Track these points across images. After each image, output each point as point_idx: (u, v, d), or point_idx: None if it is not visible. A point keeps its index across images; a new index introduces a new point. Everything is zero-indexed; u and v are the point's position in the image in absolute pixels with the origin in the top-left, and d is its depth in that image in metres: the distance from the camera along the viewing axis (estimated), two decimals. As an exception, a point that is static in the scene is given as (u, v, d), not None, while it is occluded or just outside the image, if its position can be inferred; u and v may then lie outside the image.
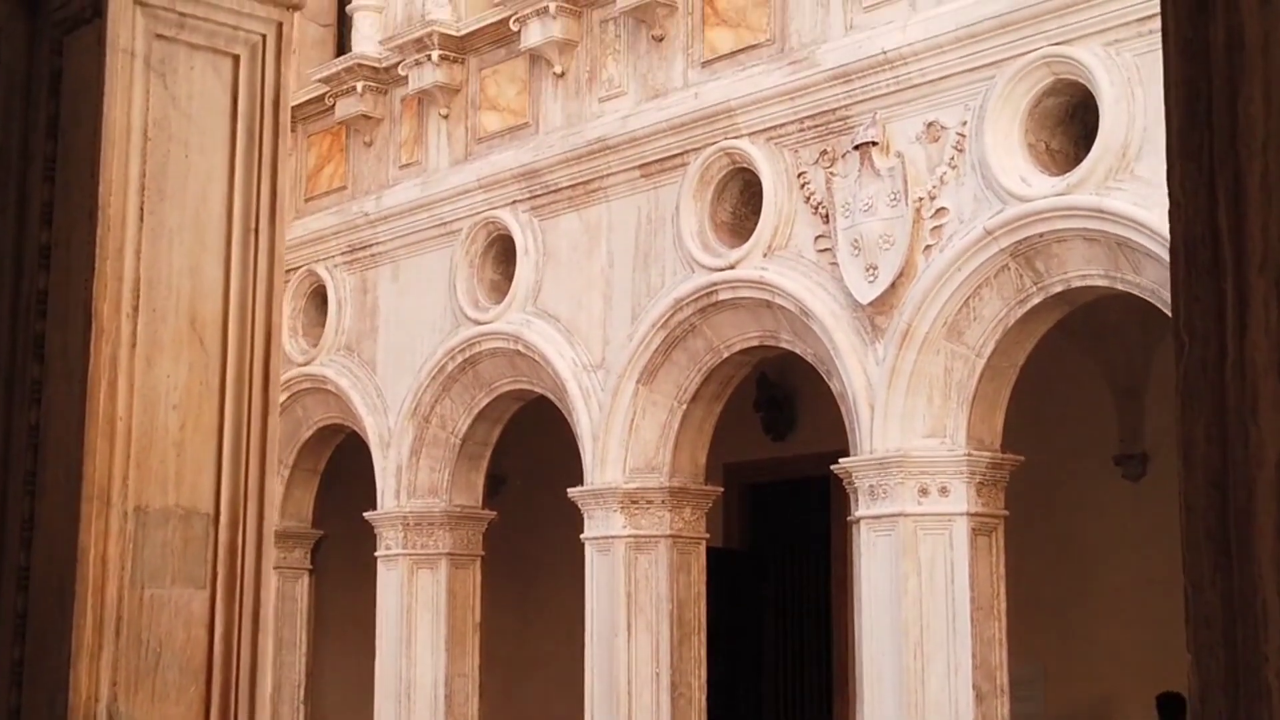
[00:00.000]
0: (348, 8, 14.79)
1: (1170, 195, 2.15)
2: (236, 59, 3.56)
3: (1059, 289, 9.87)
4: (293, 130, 14.94)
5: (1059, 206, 9.56)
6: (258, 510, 3.48)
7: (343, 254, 14.52)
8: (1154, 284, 9.38)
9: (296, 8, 3.60)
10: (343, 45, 15.18)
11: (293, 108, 15.04)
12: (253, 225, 3.58)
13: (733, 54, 11.50)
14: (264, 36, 3.57)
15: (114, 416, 3.34)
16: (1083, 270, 9.73)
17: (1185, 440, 1.96)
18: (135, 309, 3.37)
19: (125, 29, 3.35)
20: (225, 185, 3.52)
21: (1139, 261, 9.38)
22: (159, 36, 3.44)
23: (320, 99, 14.74)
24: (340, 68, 14.36)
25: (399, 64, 13.81)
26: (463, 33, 13.41)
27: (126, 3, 3.34)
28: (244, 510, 3.48)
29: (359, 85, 14.21)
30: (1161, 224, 9.02)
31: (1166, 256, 8.57)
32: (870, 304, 10.37)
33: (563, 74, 12.71)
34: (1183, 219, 2.03)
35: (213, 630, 3.37)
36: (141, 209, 3.37)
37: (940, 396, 10.19)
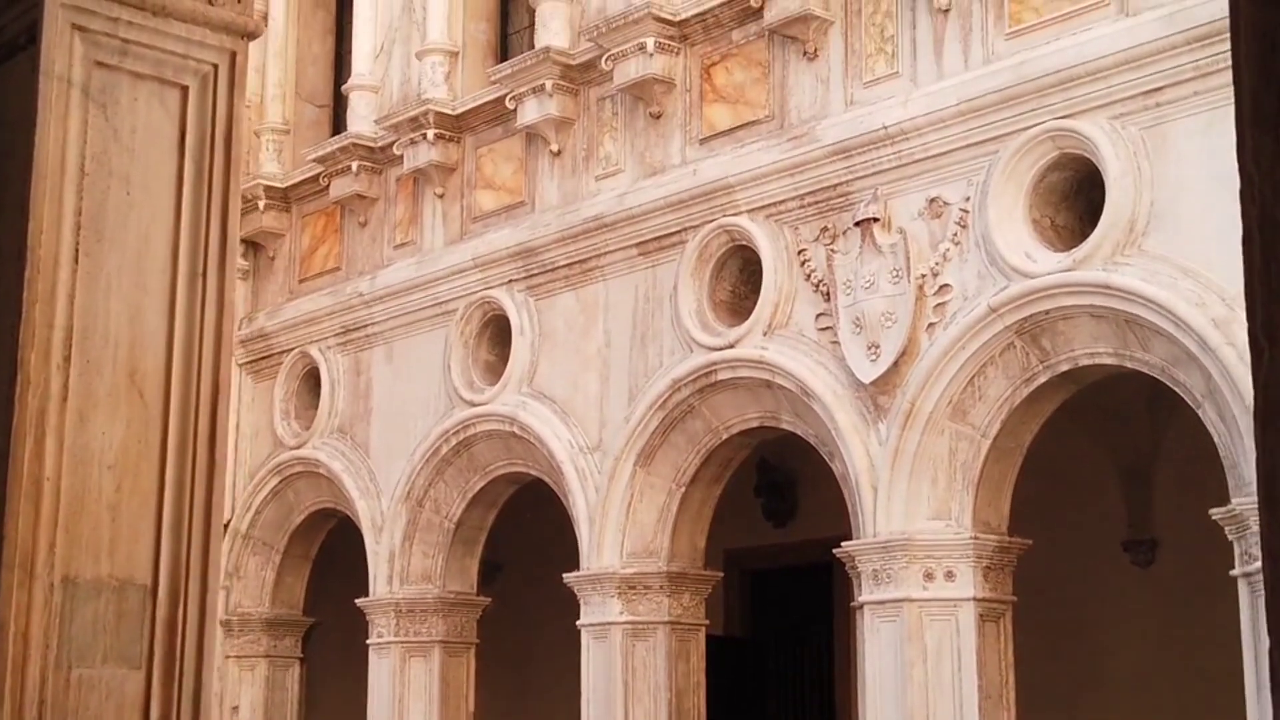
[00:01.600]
0: (343, 88, 14.68)
1: (1241, 170, 1.81)
2: (185, 90, 3.31)
3: (1066, 367, 9.65)
4: (287, 211, 14.87)
5: (1065, 283, 9.35)
6: (201, 582, 3.18)
7: (336, 335, 14.32)
8: (1164, 361, 9.15)
9: (251, 36, 3.36)
10: (338, 126, 15.07)
11: (287, 189, 15.05)
12: (200, 270, 3.31)
13: (731, 130, 11.35)
14: (215, 67, 3.32)
15: (40, 477, 3.04)
16: (1090, 348, 9.50)
17: (1266, 473, 1.65)
18: (67, 359, 3.10)
19: (62, 55, 3.10)
20: (170, 226, 3.26)
21: (1148, 338, 9.15)
22: (99, 64, 3.20)
23: (315, 179, 14.61)
24: (335, 147, 14.23)
25: (394, 143, 13.68)
26: (459, 111, 13.29)
27: (64, 27, 3.10)
28: (185, 582, 3.17)
29: (354, 165, 14.07)
30: (1171, 300, 8.83)
31: (1176, 333, 8.37)
32: (873, 383, 10.14)
33: (559, 152, 12.56)
34: (1257, 200, 1.69)
35: (148, 715, 3.05)
36: (76, 250, 3.11)
37: (945, 478, 9.94)
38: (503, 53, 13.68)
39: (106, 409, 3.15)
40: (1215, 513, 8.86)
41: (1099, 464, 13.29)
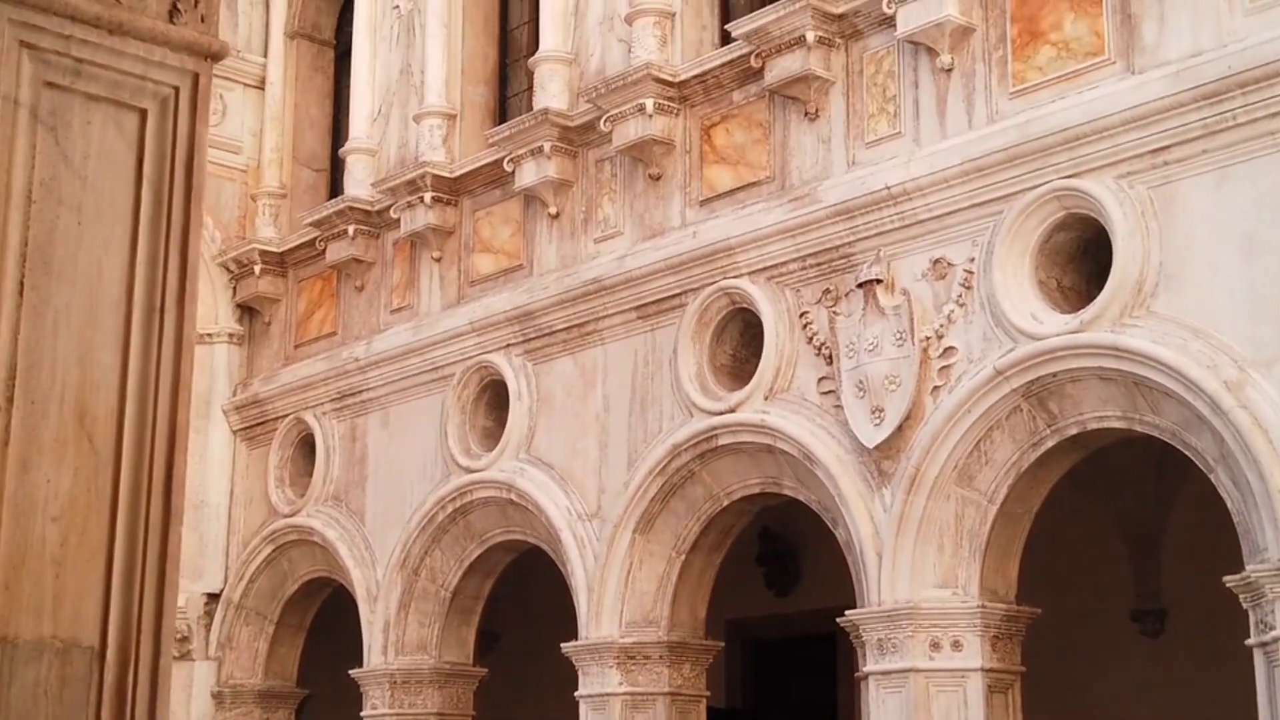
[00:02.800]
0: (341, 151, 14.58)
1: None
2: (143, 114, 3.11)
3: (1074, 431, 9.45)
4: (283, 276, 14.74)
5: (1073, 345, 9.16)
6: (153, 645, 2.93)
7: (332, 401, 14.15)
8: (1174, 425, 8.96)
9: (216, 58, 3.17)
10: (336, 190, 14.96)
11: (283, 253, 14.91)
12: (157, 305, 3.09)
13: (732, 192, 11.21)
14: (176, 89, 3.12)
15: (-24, 529, 2.83)
16: (1099, 411, 9.31)
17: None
18: (9, 400, 2.86)
19: (8, 73, 2.89)
20: (126, 258, 3.05)
21: (1158, 401, 8.96)
22: (50, 85, 2.99)
23: (311, 244, 14.50)
24: (331, 211, 14.11)
25: (391, 206, 13.56)
26: (456, 174, 13.17)
27: (10, 44, 2.89)
28: (137, 645, 2.92)
29: (350, 229, 13.95)
30: (1181, 362, 8.65)
31: (1187, 396, 8.17)
32: (876, 448, 9.95)
33: (558, 214, 12.43)
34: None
35: (95, 791, 2.83)
36: (21, 283, 2.89)
37: (951, 545, 9.73)
38: (501, 116, 13.58)
39: (52, 455, 2.92)
40: (1229, 580, 8.63)
41: (1105, 532, 13.09)
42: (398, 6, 14.25)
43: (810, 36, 10.50)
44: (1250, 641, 8.49)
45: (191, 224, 3.11)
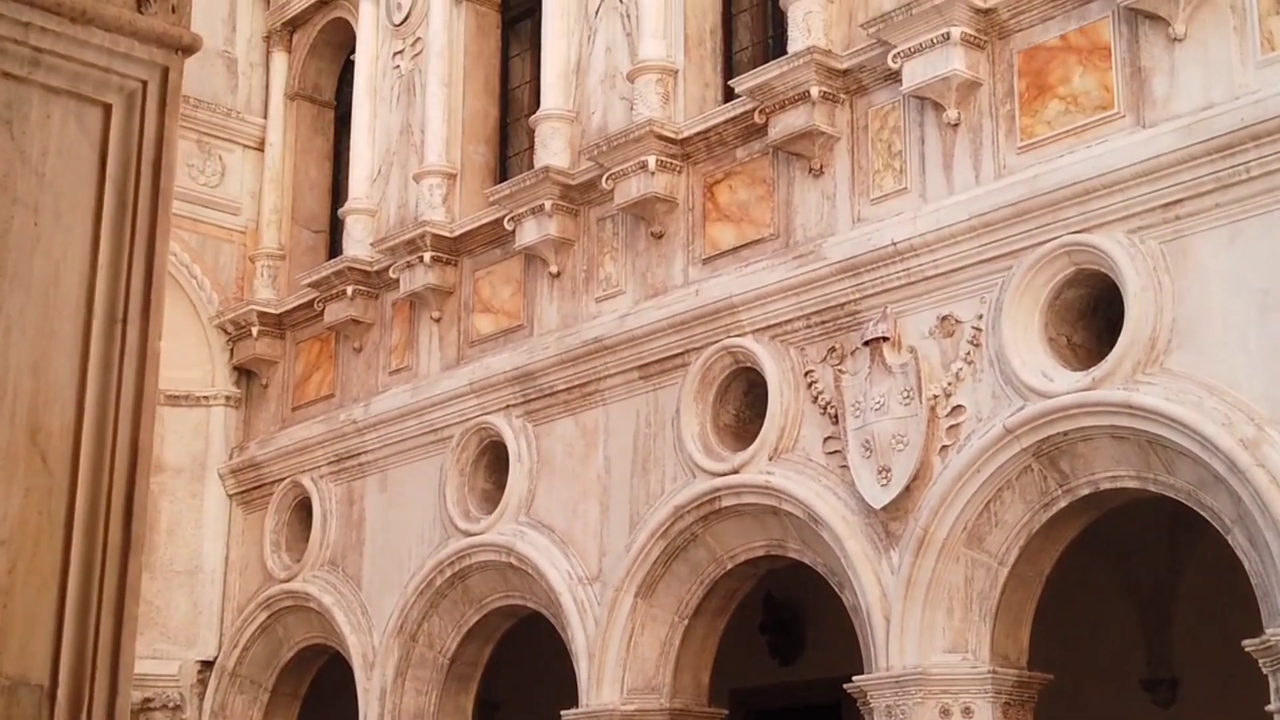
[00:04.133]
0: (340, 211, 14.46)
1: None
2: (108, 109, 2.90)
3: (1086, 491, 9.25)
4: (281, 338, 14.58)
5: (1084, 403, 8.97)
6: (109, 683, 2.69)
7: (329, 464, 13.96)
8: (1190, 484, 8.76)
9: (187, 51, 2.97)
10: (335, 251, 14.82)
11: (281, 315, 14.76)
12: (120, 315, 2.87)
13: (735, 249, 11.06)
14: (144, 83, 2.92)
15: (-84, 555, 2.59)
16: (1111, 471, 9.11)
17: None
18: (-46, 415, 2.66)
19: (-42, 63, 2.72)
20: (86, 263, 2.84)
21: (1173, 461, 8.76)
22: (6, 75, 2.78)
23: (310, 305, 14.35)
24: (330, 271, 13.97)
25: (390, 266, 13.42)
26: (456, 233, 13.04)
27: (-39, 32, 2.72)
28: (91, 683, 2.67)
29: (349, 289, 13.80)
30: (1197, 420, 8.46)
31: (1203, 455, 7.94)
32: (884, 509, 9.75)
33: (558, 274, 12.28)
34: None
35: (43, 844, 2.59)
36: (-30, 288, 2.69)
37: (961, 608, 9.50)
38: (502, 175, 13.45)
39: (1, 474, 2.70)
40: (1248, 644, 8.40)
41: (1115, 598, 12.87)
42: (398, 67, 14.18)
43: (814, 92, 10.38)
44: (1270, 708, 8.26)
45: (159, 228, 2.90)
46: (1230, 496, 8.43)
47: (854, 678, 9.82)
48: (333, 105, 15.60)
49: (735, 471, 10.60)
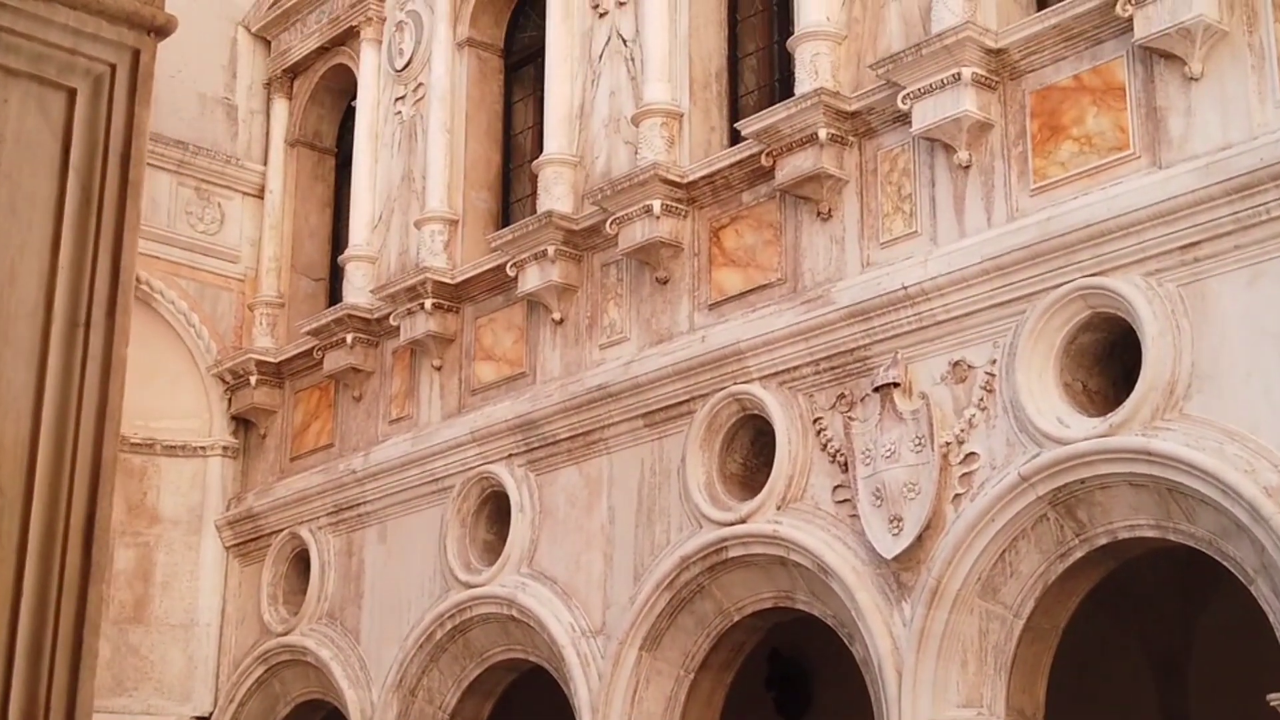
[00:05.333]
0: (340, 258, 14.28)
1: None
2: (72, 94, 2.68)
3: (1104, 541, 9.03)
4: (279, 387, 14.37)
5: (1101, 449, 8.75)
6: None
7: (328, 515, 13.74)
8: (1211, 533, 8.54)
9: (160, 32, 2.75)
10: (335, 300, 14.62)
11: (280, 363, 14.55)
12: (82, 319, 2.63)
13: (742, 295, 10.87)
14: (113, 67, 2.69)
15: None
16: (1130, 519, 8.88)
17: None
18: (-104, 426, 2.43)
19: (-93, 42, 2.50)
20: (46, 262, 2.61)
21: (1193, 509, 8.53)
22: None
23: (309, 353, 14.16)
24: (330, 319, 13.79)
25: (391, 314, 13.23)
26: (458, 280, 12.85)
27: (-91, 9, 2.50)
28: None
29: (349, 337, 13.61)
30: (1218, 467, 8.25)
31: (1225, 503, 7.68)
32: (895, 559, 9.52)
33: (562, 320, 12.08)
34: None
35: None
36: (-81, 287, 2.46)
37: (975, 661, 9.26)
38: (504, 221, 13.27)
39: (-52, 493, 2.48)
40: (1273, 698, 8.15)
41: (1128, 652, 12.60)
42: (400, 112, 14.04)
43: (822, 134, 10.20)
44: (1295, 764, 7.99)
45: (127, 225, 2.68)
46: (1253, 546, 8.20)
47: (866, 733, 9.57)
48: (334, 152, 15.46)
49: (742, 521, 10.38)
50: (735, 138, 11.17)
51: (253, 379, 14.52)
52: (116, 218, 2.66)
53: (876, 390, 9.81)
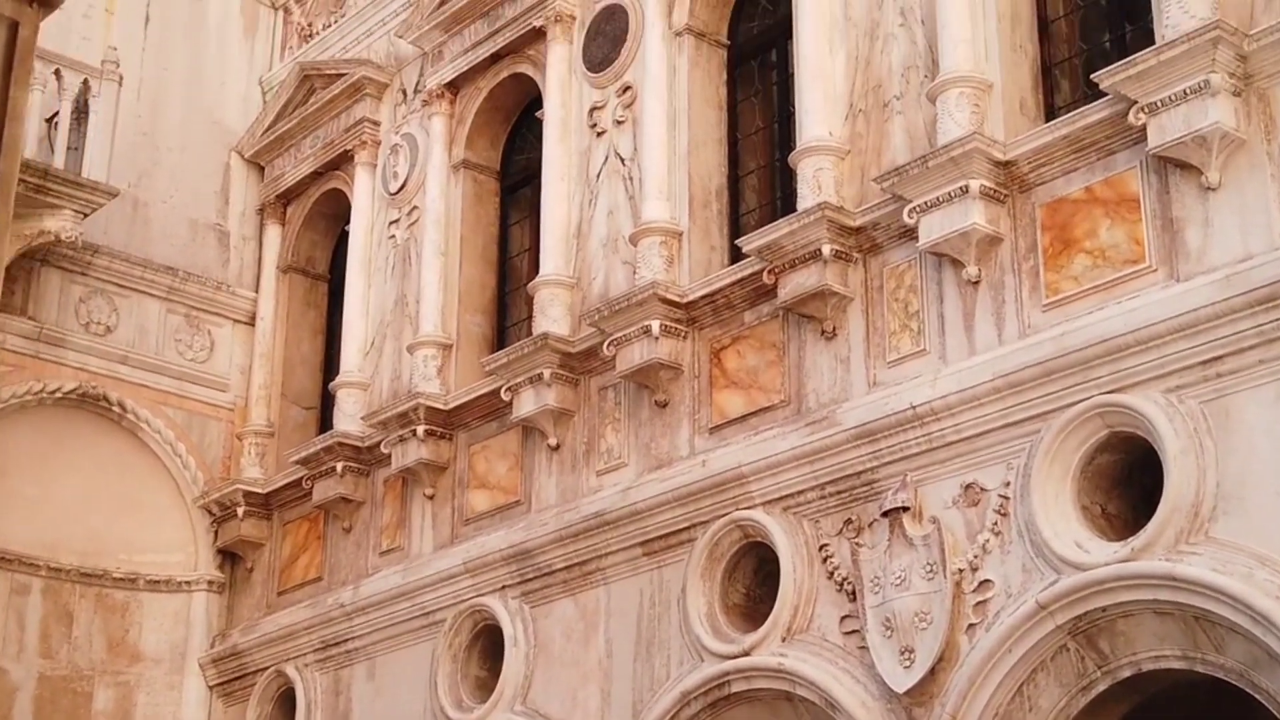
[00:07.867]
0: (331, 385, 13.98)
1: None
2: None
3: (1128, 673, 8.65)
4: (267, 519, 14.03)
5: (1124, 575, 8.37)
6: None
7: (315, 651, 13.34)
8: (1241, 664, 8.15)
9: (46, 5, 2.41)
10: (325, 429, 14.27)
11: (268, 494, 14.16)
12: None
13: (744, 417, 10.58)
14: None
15: None
16: (1155, 650, 8.49)
17: None
18: None
19: None
20: None
21: (1222, 638, 8.13)
22: None
23: (298, 483, 13.85)
24: (320, 447, 13.49)
25: (382, 441, 12.91)
26: (451, 405, 12.58)
27: None
28: None
29: (339, 466, 13.32)
30: (1247, 593, 7.89)
31: (1255, 631, 7.20)
32: (907, 693, 9.16)
33: (558, 446, 11.78)
34: None
35: None
36: None
37: (994, 802, 8.75)
38: (499, 346, 13.00)
39: None
40: (1311, 842, 7.65)
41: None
42: (394, 236, 13.82)
43: (826, 250, 9.93)
44: None
45: (4, 199, 2.31)
46: (1288, 677, 7.77)
47: None
48: (326, 278, 15.27)
49: (746, 654, 10.05)
50: (736, 257, 10.91)
51: (240, 510, 14.17)
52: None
53: (885, 515, 9.49)
